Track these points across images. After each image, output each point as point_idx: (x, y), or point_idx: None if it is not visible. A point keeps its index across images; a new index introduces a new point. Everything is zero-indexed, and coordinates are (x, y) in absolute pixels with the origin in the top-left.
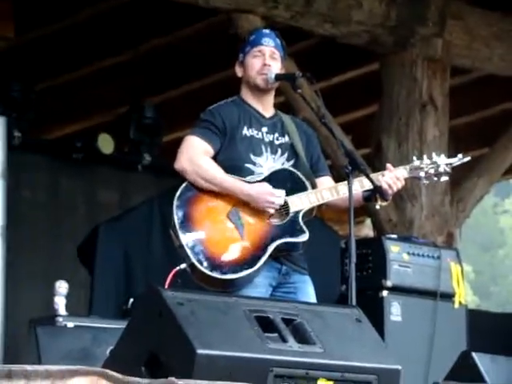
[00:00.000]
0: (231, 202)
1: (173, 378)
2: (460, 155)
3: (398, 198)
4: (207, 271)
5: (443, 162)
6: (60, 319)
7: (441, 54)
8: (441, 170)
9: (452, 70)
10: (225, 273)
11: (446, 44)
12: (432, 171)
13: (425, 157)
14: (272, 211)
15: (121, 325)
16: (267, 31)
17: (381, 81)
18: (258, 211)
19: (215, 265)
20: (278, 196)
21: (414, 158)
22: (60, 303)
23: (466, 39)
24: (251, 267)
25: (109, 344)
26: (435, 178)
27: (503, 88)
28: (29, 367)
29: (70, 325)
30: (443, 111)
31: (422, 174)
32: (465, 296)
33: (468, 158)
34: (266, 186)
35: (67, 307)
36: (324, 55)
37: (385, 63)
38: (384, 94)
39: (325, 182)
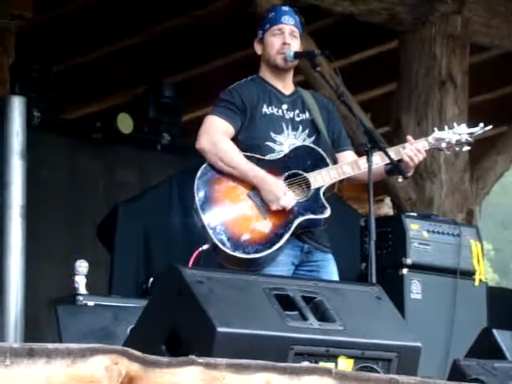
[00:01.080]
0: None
1: (193, 356)
2: (481, 124)
3: (418, 176)
4: (230, 251)
5: (465, 131)
6: (80, 298)
7: (460, 31)
8: (462, 139)
9: (471, 48)
10: (248, 252)
11: (465, 21)
12: (454, 141)
13: (446, 127)
14: (274, 208)
15: (141, 304)
16: (286, 8)
17: (400, 59)
18: None
19: (238, 244)
20: (287, 197)
21: (435, 129)
22: (80, 282)
23: (485, 16)
24: (274, 245)
25: (129, 323)
26: (457, 148)
27: None
28: (50, 345)
29: (91, 304)
30: (462, 89)
31: (444, 144)
32: (485, 273)
33: (490, 127)
34: (280, 184)
35: (87, 286)
36: (343, 33)
37: (404, 41)
38: (403, 72)
39: (347, 156)
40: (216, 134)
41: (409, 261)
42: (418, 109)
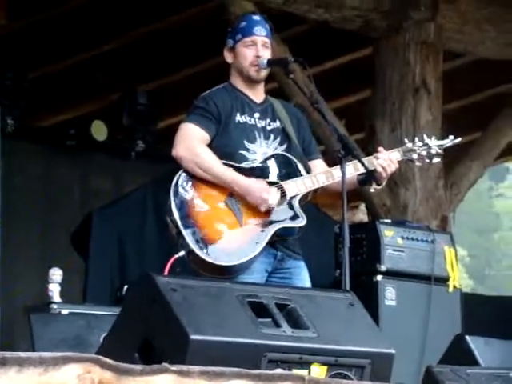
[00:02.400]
0: (228, 188)
1: (166, 364)
2: (451, 136)
3: (392, 182)
4: (206, 258)
5: (434, 143)
6: (54, 306)
7: (433, 37)
8: (432, 151)
9: (445, 54)
10: (224, 259)
11: (439, 28)
12: (424, 153)
13: (416, 139)
14: (263, 209)
15: (115, 311)
16: (257, 18)
17: (374, 65)
18: None
19: (214, 251)
20: (272, 195)
21: (406, 140)
22: (54, 290)
23: (458, 23)
24: (250, 253)
25: (103, 331)
26: (427, 160)
27: (495, 72)
28: (22, 354)
29: (65, 312)
30: (436, 95)
31: (415, 155)
32: (459, 280)
33: (459, 140)
34: (262, 184)
35: (61, 294)
36: (317, 40)
37: (378, 48)
38: (377, 79)
39: (317, 164)
40: (193, 142)
41: (383, 267)
42: (392, 115)
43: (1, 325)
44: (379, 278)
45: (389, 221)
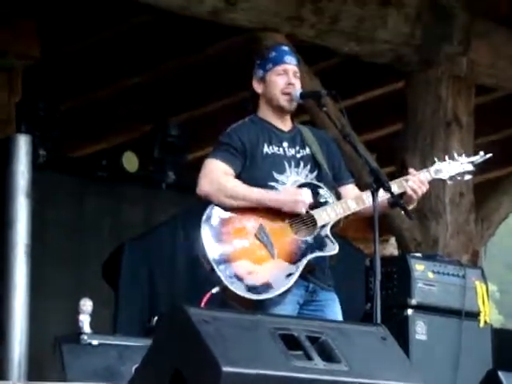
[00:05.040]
0: (258, 220)
1: None
2: (481, 153)
3: (423, 216)
4: (241, 293)
5: (465, 160)
6: (85, 337)
7: (466, 72)
8: (463, 168)
9: (477, 89)
10: (259, 293)
11: (471, 62)
12: (455, 171)
13: (446, 157)
14: (303, 210)
15: (145, 343)
16: (286, 48)
17: (406, 99)
18: (284, 228)
19: (248, 286)
20: (305, 193)
21: (436, 159)
22: (85, 321)
23: (490, 58)
24: (284, 286)
25: (134, 362)
26: (459, 178)
27: None
28: None
29: (95, 343)
30: (468, 130)
31: (446, 175)
32: (490, 315)
33: (490, 155)
34: (291, 188)
35: (92, 325)
36: (349, 73)
37: (410, 81)
38: (409, 112)
39: (349, 188)
40: (217, 175)
41: (413, 301)
42: (424, 150)
43: (32, 355)
44: (410, 311)
45: (419, 255)
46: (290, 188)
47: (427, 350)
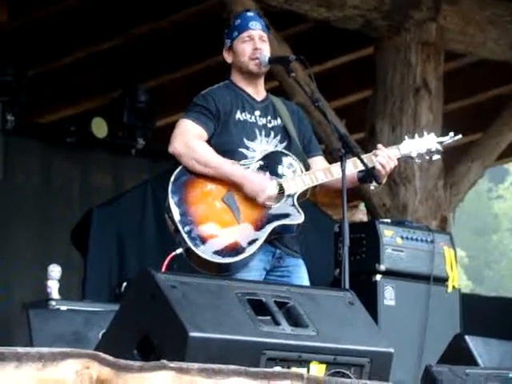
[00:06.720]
0: (226, 185)
1: (165, 361)
2: (451, 133)
3: (392, 182)
4: (204, 255)
5: (434, 140)
6: (53, 303)
7: (435, 38)
8: (432, 148)
9: (446, 55)
10: (222, 256)
11: (440, 28)
12: (424, 150)
13: (416, 136)
14: (260, 200)
15: (113, 308)
16: (251, 14)
17: (375, 65)
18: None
19: (212, 248)
20: (271, 186)
21: (406, 137)
22: (53, 287)
23: (460, 24)
24: (248, 251)
25: (101, 327)
26: (427, 157)
27: (497, 73)
28: (20, 349)
29: (63, 308)
30: (437, 95)
31: (414, 153)
32: (458, 280)
33: (459, 136)
34: (260, 175)
35: (60, 291)
36: (318, 39)
37: (379, 48)
38: (378, 79)
39: (318, 161)
40: (190, 137)
41: (382, 267)
42: (393, 115)
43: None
44: (378, 277)
45: (388, 220)
46: (260, 174)
47: (396, 315)
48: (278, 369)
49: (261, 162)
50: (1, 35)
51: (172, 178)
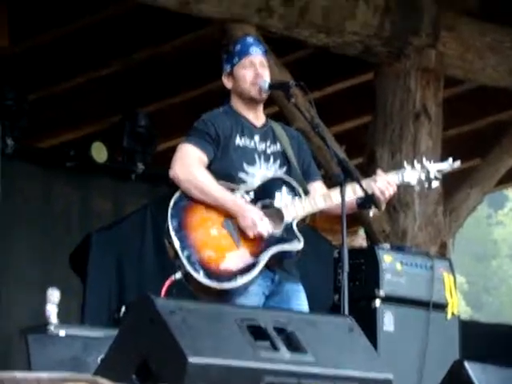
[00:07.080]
0: (225, 211)
1: None
2: (450, 161)
3: (391, 208)
4: (203, 280)
5: (434, 167)
6: (51, 327)
7: (434, 64)
8: (431, 175)
9: (445, 81)
10: (221, 281)
11: (440, 55)
12: (423, 177)
13: (415, 162)
14: (251, 234)
15: (112, 333)
16: (251, 40)
17: (374, 91)
18: None
19: (211, 273)
20: (264, 225)
21: (405, 164)
22: (52, 311)
23: (459, 50)
24: (247, 276)
25: (100, 352)
26: (426, 184)
27: (496, 99)
28: (18, 374)
29: (62, 333)
30: (437, 121)
31: (414, 180)
32: (458, 306)
33: (458, 163)
34: (256, 210)
35: (59, 315)
36: (318, 65)
37: (379, 73)
38: (378, 105)
39: (317, 186)
40: (190, 163)
41: (382, 293)
42: (393, 141)
43: None
44: (377, 303)
45: (388, 246)
46: (257, 211)
47: (395, 341)
48: None
49: (260, 188)
50: (2, 60)
51: (171, 203)
